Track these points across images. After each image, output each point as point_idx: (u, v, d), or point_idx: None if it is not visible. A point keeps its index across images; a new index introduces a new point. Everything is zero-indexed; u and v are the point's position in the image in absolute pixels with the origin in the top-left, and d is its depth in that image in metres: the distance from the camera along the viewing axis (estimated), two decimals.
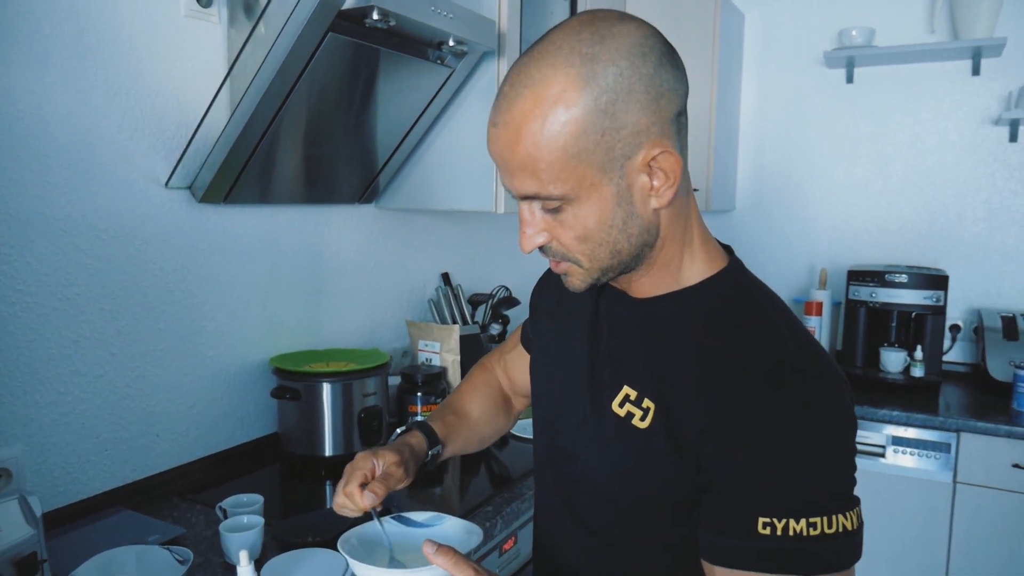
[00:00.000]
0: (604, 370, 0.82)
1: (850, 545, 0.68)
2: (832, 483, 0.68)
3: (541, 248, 0.75)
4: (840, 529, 0.67)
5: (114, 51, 1.37)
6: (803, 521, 0.66)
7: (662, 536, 0.79)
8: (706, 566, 0.73)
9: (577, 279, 0.76)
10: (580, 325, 0.87)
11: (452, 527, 0.93)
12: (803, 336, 0.74)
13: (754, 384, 0.70)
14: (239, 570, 0.99)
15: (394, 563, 0.88)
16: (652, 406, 0.75)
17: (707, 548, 0.72)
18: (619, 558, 0.82)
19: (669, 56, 0.70)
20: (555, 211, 0.71)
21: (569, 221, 0.71)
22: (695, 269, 0.78)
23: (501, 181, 0.74)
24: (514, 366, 1.15)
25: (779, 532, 0.66)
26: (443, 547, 0.74)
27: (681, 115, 0.72)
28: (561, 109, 0.65)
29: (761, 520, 0.67)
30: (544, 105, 0.66)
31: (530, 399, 1.05)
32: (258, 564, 1.12)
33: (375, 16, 1.37)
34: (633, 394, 0.77)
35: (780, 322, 0.74)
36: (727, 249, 0.84)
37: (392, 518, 0.95)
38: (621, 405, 0.78)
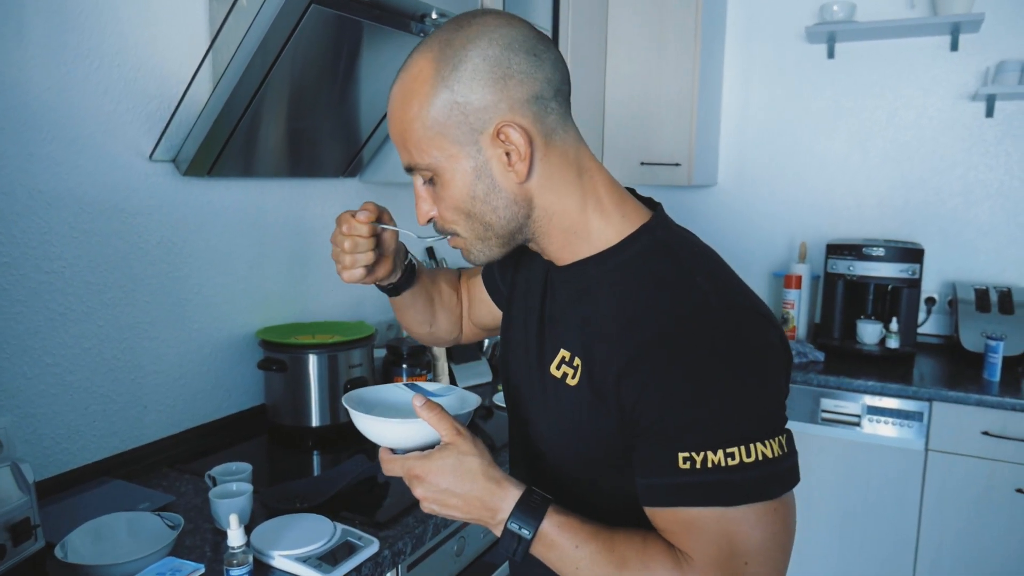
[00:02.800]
0: (547, 336, 0.87)
1: (774, 473, 0.70)
2: (747, 413, 0.70)
3: (434, 226, 0.84)
4: (760, 457, 0.69)
5: (96, 23, 1.37)
6: (720, 452, 0.69)
7: (610, 491, 0.81)
8: (646, 511, 0.76)
9: (467, 252, 0.84)
10: (534, 298, 0.92)
11: (457, 396, 0.94)
12: (722, 281, 0.78)
13: (664, 327, 0.73)
14: (229, 533, 1.02)
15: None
16: (579, 363, 0.80)
17: (640, 493, 0.75)
18: (578, 510, 0.84)
19: (524, 43, 0.76)
20: (431, 183, 0.79)
21: (441, 192, 0.79)
22: (611, 230, 0.81)
23: None
24: (475, 287, 1.14)
25: (699, 466, 0.69)
26: (430, 402, 0.80)
27: (543, 98, 0.77)
28: (418, 87, 0.75)
29: (681, 456, 0.70)
30: (407, 85, 0.76)
31: (483, 335, 1.16)
32: (247, 529, 1.15)
33: None
34: (567, 355, 0.82)
35: (695, 269, 0.78)
36: (653, 206, 0.87)
37: (406, 384, 0.96)
38: (558, 367, 0.83)
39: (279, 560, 1.10)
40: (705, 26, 2.59)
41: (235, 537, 1.02)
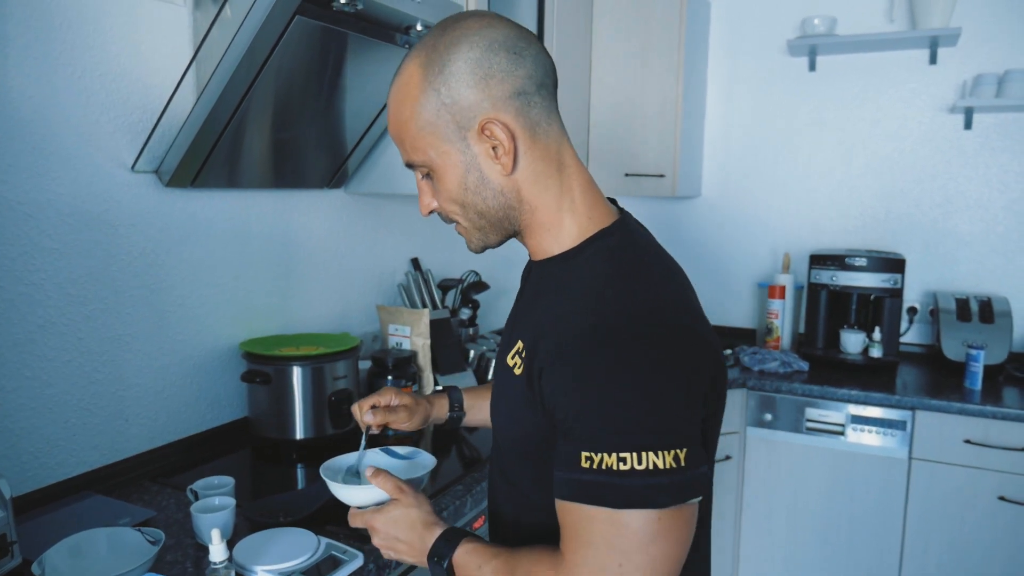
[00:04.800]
0: (514, 328, 0.93)
1: (663, 484, 0.71)
2: (644, 424, 0.72)
3: (440, 216, 0.90)
4: (650, 466, 0.71)
5: (78, 33, 1.36)
6: (614, 455, 0.71)
7: (545, 479, 0.83)
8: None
9: (468, 239, 0.91)
10: (516, 305, 0.98)
11: (418, 460, 1.12)
12: (653, 294, 0.79)
13: (585, 329, 0.76)
14: (211, 548, 1.00)
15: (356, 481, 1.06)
16: (525, 352, 0.85)
17: (554, 483, 0.78)
18: (525, 500, 0.91)
19: (505, 43, 0.80)
20: (428, 178, 0.87)
21: (438, 185, 0.86)
22: (577, 231, 0.86)
23: None
24: None
25: (595, 466, 0.72)
26: (378, 470, 0.95)
27: (525, 93, 0.82)
28: (409, 91, 0.82)
29: (583, 455, 0.73)
30: (400, 90, 0.83)
31: None
32: (230, 544, 1.14)
33: (342, 0, 1.37)
34: (521, 346, 0.87)
35: (631, 278, 0.80)
36: (622, 213, 0.91)
37: (380, 449, 1.13)
38: (512, 357, 0.88)
39: (261, 575, 1.09)
40: (689, 39, 2.62)
41: (217, 552, 1.00)
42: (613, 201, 0.93)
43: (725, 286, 3.03)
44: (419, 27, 1.60)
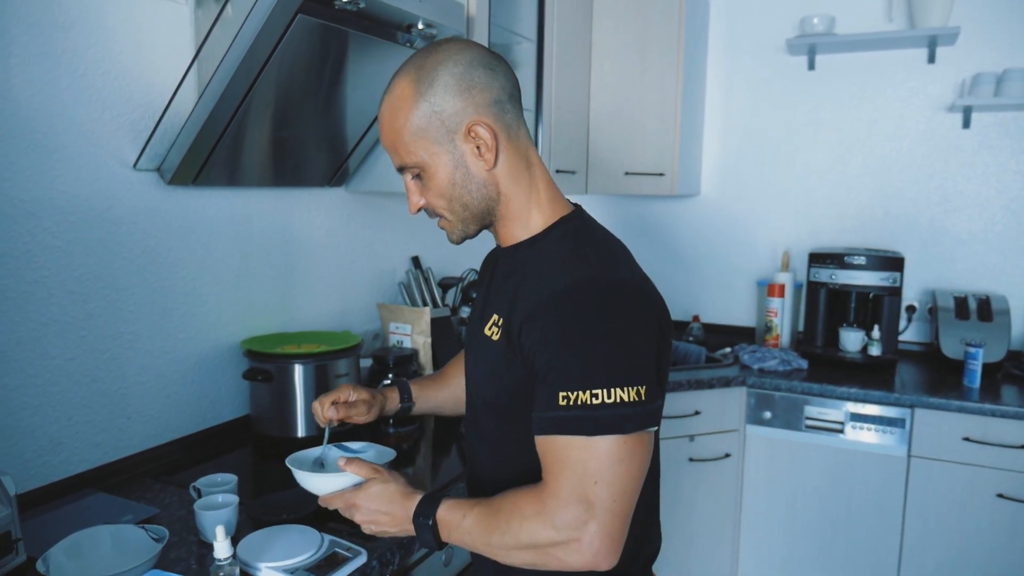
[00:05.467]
0: (487, 305, 1.05)
1: (630, 414, 0.86)
2: (613, 364, 0.87)
3: (426, 212, 1.03)
4: (618, 400, 0.86)
5: (81, 31, 1.36)
6: (587, 392, 0.86)
7: (522, 431, 0.96)
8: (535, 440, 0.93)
9: (450, 232, 1.03)
10: (484, 280, 1.11)
11: (376, 451, 1.20)
12: (610, 261, 0.96)
13: (555, 291, 0.91)
14: (216, 545, 1.00)
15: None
16: (502, 320, 0.98)
17: (532, 424, 0.91)
18: (499, 454, 1.04)
19: (482, 60, 0.96)
20: (419, 177, 0.99)
21: (428, 184, 0.99)
22: (541, 219, 1.02)
23: None
24: None
25: (572, 403, 0.87)
26: (352, 459, 1.05)
27: (500, 102, 0.97)
28: (402, 103, 0.95)
29: (560, 394, 0.87)
30: (393, 103, 0.96)
31: None
32: (233, 541, 1.13)
33: None
34: (496, 318, 1.00)
35: (590, 250, 0.96)
36: (577, 206, 1.06)
37: (335, 445, 1.20)
38: (488, 328, 1.01)
39: (266, 572, 1.09)
40: (688, 38, 2.62)
41: (221, 549, 1.01)
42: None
43: (724, 284, 3.04)
44: (420, 25, 1.60)
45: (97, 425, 1.46)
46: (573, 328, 0.88)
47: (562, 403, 0.87)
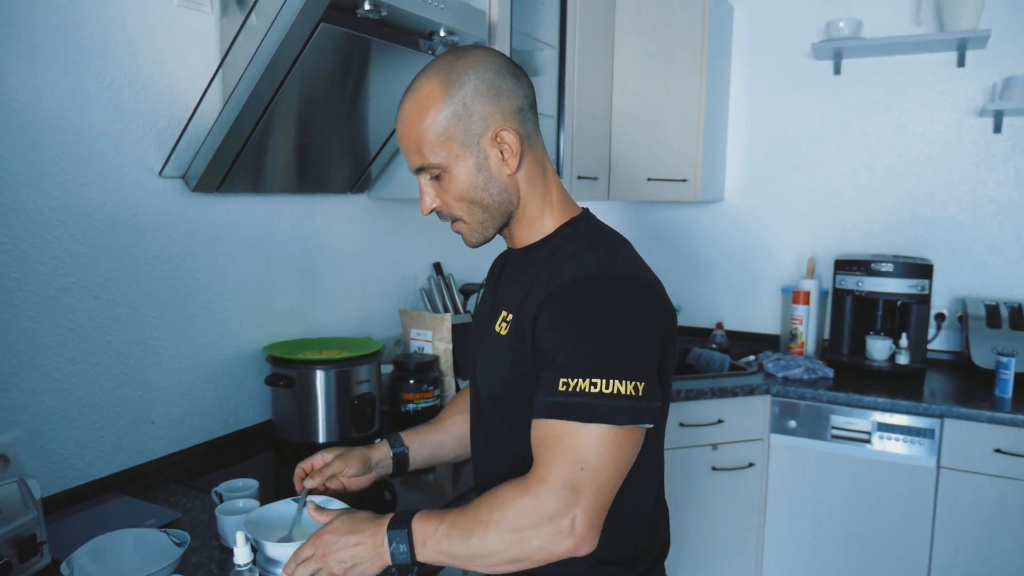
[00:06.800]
0: (497, 304, 1.07)
1: (625, 407, 0.89)
2: (616, 357, 0.89)
3: (439, 214, 1.04)
4: (615, 391, 0.88)
5: (107, 42, 1.38)
6: (587, 380, 0.88)
7: (527, 421, 0.96)
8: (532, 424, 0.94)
9: (468, 235, 1.05)
10: (493, 281, 1.14)
11: (336, 504, 1.15)
12: (620, 258, 0.98)
13: (566, 285, 0.94)
14: (236, 550, 1.01)
15: (286, 539, 1.12)
16: (512, 316, 1.01)
17: (533, 408, 0.93)
18: (502, 448, 1.06)
19: (508, 69, 1.00)
20: (438, 178, 1.00)
21: (448, 185, 1.00)
22: (553, 222, 1.05)
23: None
24: None
25: (571, 389, 0.89)
26: (319, 507, 1.05)
27: (523, 110, 1.00)
28: (431, 103, 0.96)
29: (561, 381, 0.90)
30: (421, 102, 0.97)
31: None
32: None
33: (367, 6, 1.38)
34: (506, 314, 1.03)
35: (600, 247, 0.99)
36: (585, 209, 1.10)
37: (291, 500, 1.19)
38: (498, 325, 1.03)
39: None
40: (711, 42, 2.61)
41: (242, 555, 1.01)
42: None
43: (748, 291, 3.00)
44: (442, 32, 1.60)
45: (122, 430, 1.47)
46: (581, 318, 0.91)
47: (561, 388, 0.89)
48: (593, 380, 0.88)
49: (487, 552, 0.91)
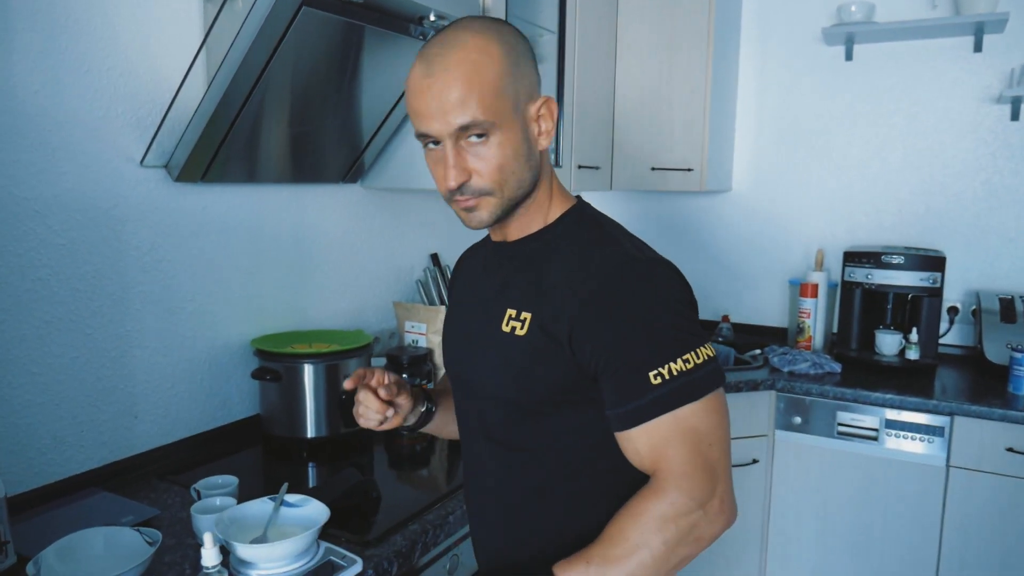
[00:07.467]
0: (494, 306, 1.00)
1: (715, 369, 0.89)
2: (684, 328, 0.89)
3: (459, 190, 0.91)
4: (704, 358, 0.88)
5: (85, 26, 1.34)
6: (679, 360, 0.87)
7: (548, 435, 0.96)
8: (620, 439, 0.91)
9: (486, 211, 0.93)
10: (482, 278, 1.07)
11: (313, 507, 1.16)
12: (636, 240, 0.97)
13: (602, 281, 0.90)
14: (203, 552, 0.97)
15: (260, 539, 1.12)
16: (529, 315, 0.94)
17: (615, 420, 0.90)
18: (516, 458, 0.99)
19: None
20: (481, 139, 0.88)
21: (490, 153, 0.89)
22: (555, 209, 1.00)
23: (423, 129, 0.90)
24: None
25: (667, 376, 0.86)
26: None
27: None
28: (489, 58, 0.88)
29: (651, 374, 0.86)
30: (476, 54, 0.87)
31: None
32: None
33: None
34: (514, 312, 0.96)
35: (616, 233, 0.97)
36: (578, 197, 1.06)
37: (269, 498, 1.18)
38: (506, 324, 0.96)
39: None
40: (718, 28, 2.53)
41: (209, 556, 0.97)
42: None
43: (755, 283, 2.94)
44: (432, 17, 1.55)
45: (103, 424, 1.45)
46: (636, 310, 0.88)
47: (655, 381, 0.86)
48: (684, 357, 0.87)
49: (652, 572, 0.87)
